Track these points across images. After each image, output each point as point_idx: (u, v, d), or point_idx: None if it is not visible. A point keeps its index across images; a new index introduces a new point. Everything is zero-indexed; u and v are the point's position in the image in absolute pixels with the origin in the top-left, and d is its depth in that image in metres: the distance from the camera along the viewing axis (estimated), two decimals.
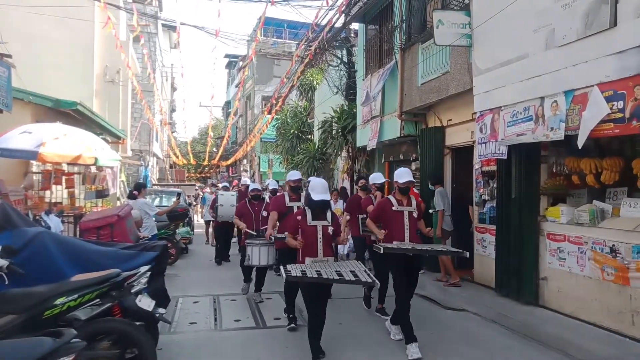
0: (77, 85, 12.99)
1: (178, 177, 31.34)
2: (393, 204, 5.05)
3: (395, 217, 4.99)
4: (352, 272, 4.08)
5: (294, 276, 3.94)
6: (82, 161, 7.47)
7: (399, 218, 4.98)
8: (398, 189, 5.10)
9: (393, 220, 5.00)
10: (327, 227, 4.57)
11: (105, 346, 3.46)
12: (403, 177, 5.08)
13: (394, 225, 4.99)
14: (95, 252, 4.04)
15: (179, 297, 6.88)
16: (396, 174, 5.17)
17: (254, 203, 7.12)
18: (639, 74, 4.04)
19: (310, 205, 4.58)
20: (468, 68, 6.88)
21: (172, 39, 31.05)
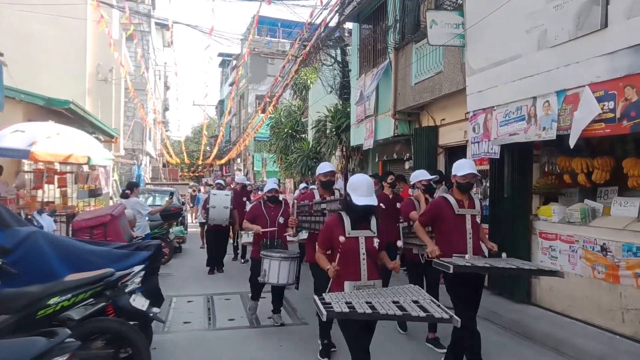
0: (69, 83, 12.90)
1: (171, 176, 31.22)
2: (453, 206, 3.96)
3: (455, 223, 3.92)
4: (415, 302, 2.95)
5: (338, 312, 2.77)
6: (75, 160, 7.41)
7: (460, 224, 3.91)
8: (457, 185, 4.02)
9: (452, 226, 3.93)
10: (372, 239, 3.35)
11: (99, 346, 3.46)
12: (464, 168, 3.96)
13: (453, 234, 3.92)
14: (89, 252, 4.03)
15: (173, 296, 6.87)
16: (456, 165, 4.07)
17: (270, 206, 5.80)
18: (629, 75, 4.09)
19: (351, 211, 3.35)
20: (461, 68, 6.92)
21: (165, 37, 30.90)
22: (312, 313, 5.89)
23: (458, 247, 3.86)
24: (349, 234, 3.30)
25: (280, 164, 18.85)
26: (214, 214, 8.65)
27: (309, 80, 18.56)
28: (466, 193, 4.01)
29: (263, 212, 5.73)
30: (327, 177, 4.80)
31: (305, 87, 18.97)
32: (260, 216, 5.72)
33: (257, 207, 5.90)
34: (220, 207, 8.64)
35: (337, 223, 3.38)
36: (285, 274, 5.19)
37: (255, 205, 6.05)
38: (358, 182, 3.35)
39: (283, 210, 5.76)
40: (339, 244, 3.24)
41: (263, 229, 5.60)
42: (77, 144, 7.47)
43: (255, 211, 5.87)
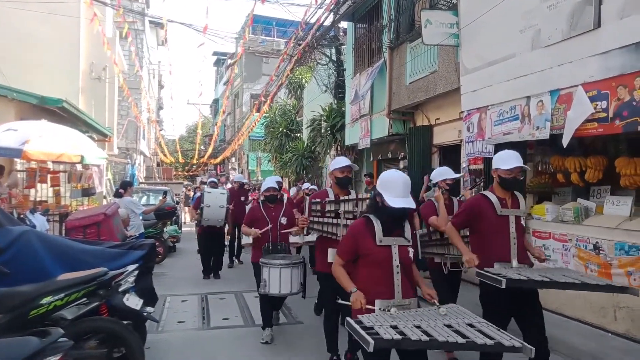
0: (62, 82, 12.82)
1: (165, 176, 31.08)
2: (495, 205, 3.39)
3: (496, 226, 3.35)
4: (469, 325, 2.46)
5: (388, 340, 2.23)
6: (68, 159, 7.37)
7: (502, 227, 3.34)
8: (500, 180, 3.43)
9: (492, 230, 3.36)
10: (406, 248, 2.79)
11: (93, 345, 3.45)
12: (509, 161, 3.38)
13: (493, 238, 3.34)
14: (82, 251, 4.01)
15: (167, 295, 6.84)
16: (498, 157, 3.49)
17: (269, 206, 5.24)
18: (622, 75, 4.12)
19: (384, 214, 2.76)
20: (455, 67, 6.94)
21: (159, 36, 30.76)
22: (306, 312, 5.90)
23: (500, 254, 3.29)
24: (380, 242, 2.73)
25: (275, 163, 18.83)
26: (209, 213, 7.81)
27: (304, 79, 18.55)
28: (509, 190, 3.45)
29: (262, 214, 5.15)
30: (343, 173, 4.10)
31: (300, 86, 18.95)
32: (259, 219, 5.16)
33: (256, 209, 5.32)
34: (216, 206, 7.80)
35: (364, 229, 2.80)
36: (288, 283, 4.59)
37: (254, 207, 5.48)
38: (392, 179, 2.78)
39: (285, 209, 5.24)
40: (366, 253, 2.73)
41: (264, 232, 5.06)
42: (70, 143, 7.43)
43: (253, 213, 5.31)
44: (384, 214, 2.76)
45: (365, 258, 2.77)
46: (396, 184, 2.73)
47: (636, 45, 3.97)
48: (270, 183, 5.37)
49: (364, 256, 2.77)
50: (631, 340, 4.51)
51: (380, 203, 2.77)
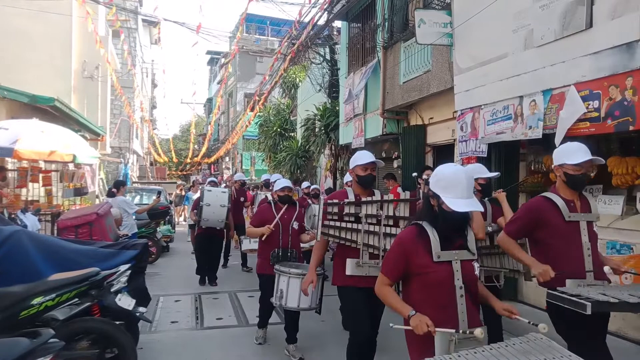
0: (54, 81, 12.73)
1: (159, 175, 30.93)
2: (561, 209, 2.85)
3: (566, 234, 2.83)
4: None
5: None
6: (60, 158, 7.32)
7: (574, 234, 2.83)
8: (566, 178, 2.88)
9: (560, 239, 2.83)
10: (470, 263, 2.27)
11: (85, 346, 3.42)
12: (577, 154, 2.82)
13: (561, 250, 2.81)
14: (74, 251, 3.98)
15: (160, 295, 6.81)
16: (562, 151, 2.93)
17: (281, 208, 4.83)
18: (613, 74, 4.15)
19: (444, 221, 2.23)
20: (449, 67, 6.95)
21: (152, 34, 30.61)
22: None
23: (571, 268, 2.73)
24: (438, 257, 2.19)
25: (269, 162, 18.81)
26: (208, 213, 7.20)
27: (298, 78, 18.55)
28: (578, 190, 2.92)
29: (274, 216, 4.73)
30: (367, 171, 3.46)
31: (294, 86, 18.94)
32: (270, 221, 4.73)
33: (266, 210, 4.86)
34: (216, 205, 7.23)
35: (417, 241, 2.24)
36: (308, 296, 3.98)
37: (264, 208, 4.96)
38: (453, 176, 2.20)
39: (298, 213, 4.81)
40: (420, 272, 2.21)
41: (273, 238, 4.68)
42: (62, 142, 7.38)
43: (263, 215, 4.84)
44: (442, 220, 2.19)
45: (418, 278, 2.22)
46: (458, 182, 2.17)
47: (627, 45, 4.00)
48: (285, 182, 4.94)
49: (416, 275, 2.22)
50: (623, 339, 4.55)
51: (436, 207, 2.21)
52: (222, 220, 7.31)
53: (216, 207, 7.23)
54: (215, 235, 7.63)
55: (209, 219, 7.25)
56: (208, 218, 7.24)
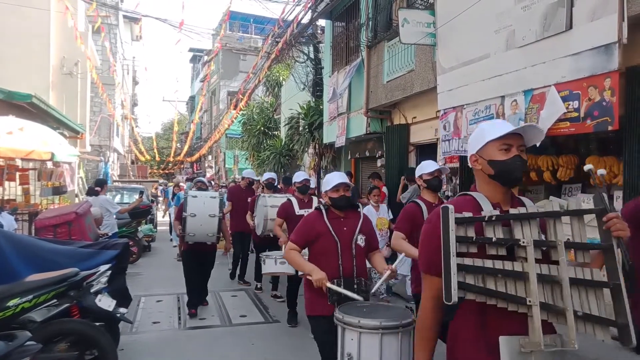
0: (31, 77, 12.43)
1: (140, 174, 30.54)
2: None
3: None
4: None
5: None
6: (38, 156, 7.17)
7: None
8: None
9: None
10: None
11: (63, 348, 3.36)
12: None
13: None
14: (52, 251, 3.90)
15: (142, 296, 6.72)
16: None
17: (338, 216, 3.28)
18: (592, 75, 4.22)
19: None
20: (432, 66, 7.00)
21: (133, 31, 30.15)
22: (283, 310, 5.87)
23: None
24: None
25: (252, 161, 18.72)
26: (194, 226, 5.64)
27: (281, 77, 18.48)
28: None
29: (327, 228, 3.17)
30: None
31: (277, 84, 18.87)
32: (322, 235, 3.16)
33: (316, 219, 3.24)
34: (203, 215, 5.67)
35: None
36: None
37: (312, 216, 3.31)
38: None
39: (363, 222, 3.26)
40: None
41: (330, 254, 3.12)
42: (40, 140, 7.23)
43: (312, 226, 3.23)
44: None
45: None
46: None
47: (606, 47, 4.07)
48: (340, 178, 3.26)
49: None
50: None
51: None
52: (213, 234, 5.74)
53: (204, 217, 5.65)
54: (205, 252, 6.02)
55: (195, 234, 5.65)
56: (194, 232, 5.63)
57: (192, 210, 5.63)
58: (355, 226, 3.24)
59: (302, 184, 5.82)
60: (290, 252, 3.25)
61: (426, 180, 3.74)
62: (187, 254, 6.01)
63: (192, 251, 5.89)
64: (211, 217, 5.68)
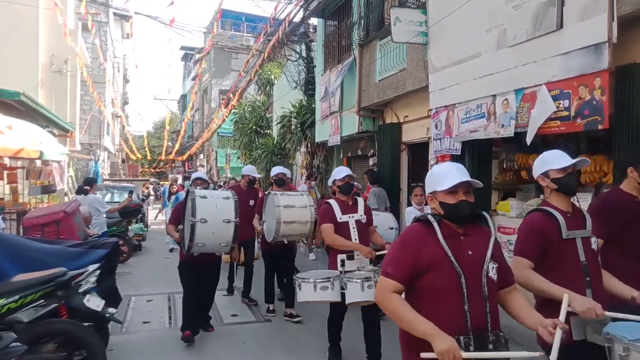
0: (20, 74, 12.26)
1: (131, 172, 30.31)
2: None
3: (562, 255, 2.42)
4: None
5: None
6: (26, 155, 7.07)
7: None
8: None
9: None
10: None
11: (51, 349, 3.31)
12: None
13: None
14: (40, 251, 3.85)
15: (132, 295, 6.66)
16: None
17: (457, 235, 2.13)
18: (582, 75, 4.24)
19: None
20: (424, 65, 7.01)
21: (124, 28, 29.90)
22: (278, 311, 5.85)
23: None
24: None
25: (244, 159, 18.65)
26: (205, 234, 4.47)
27: (273, 75, 18.43)
28: None
29: (444, 253, 2.06)
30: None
31: (269, 82, 18.82)
32: (439, 263, 2.05)
33: (423, 237, 2.12)
34: (216, 221, 4.52)
35: None
36: None
37: (416, 233, 2.16)
38: None
39: (495, 245, 2.17)
40: None
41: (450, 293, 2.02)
42: (29, 138, 7.13)
43: (416, 246, 2.11)
44: None
45: None
46: None
47: (595, 46, 4.09)
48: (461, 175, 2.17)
49: None
50: None
51: None
52: (227, 243, 4.59)
53: (217, 223, 4.50)
54: (210, 264, 4.96)
55: (205, 244, 4.49)
56: (204, 242, 4.47)
57: (203, 215, 4.41)
58: (484, 249, 2.11)
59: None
60: (391, 298, 2.03)
61: (555, 179, 2.51)
62: (186, 266, 4.84)
63: (193, 263, 4.73)
64: (226, 223, 4.52)
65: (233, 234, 4.55)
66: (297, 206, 5.17)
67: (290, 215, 5.06)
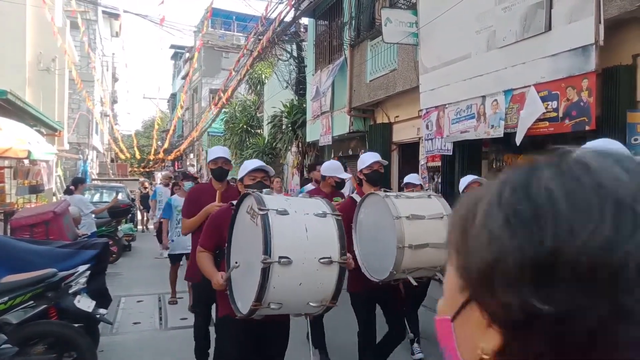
0: (7, 73, 12.09)
1: (120, 172, 30.04)
2: None
3: None
4: None
5: None
6: (14, 154, 6.99)
7: None
8: None
9: None
10: None
11: (41, 350, 3.28)
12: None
13: None
14: (29, 251, 3.81)
15: (122, 296, 6.61)
16: None
17: None
18: (570, 76, 4.31)
19: None
20: (415, 66, 7.05)
21: (113, 26, 29.63)
22: None
23: None
24: None
25: (235, 159, 18.59)
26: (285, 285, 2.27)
27: (264, 75, 18.40)
28: None
29: None
30: None
31: (260, 82, 18.78)
32: None
33: None
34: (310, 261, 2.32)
35: None
36: None
37: None
38: None
39: None
40: None
41: None
42: (16, 137, 7.05)
43: None
44: None
45: None
46: None
47: (583, 48, 4.16)
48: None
49: None
50: None
51: None
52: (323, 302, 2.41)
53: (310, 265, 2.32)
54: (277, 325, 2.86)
55: (284, 303, 2.32)
56: (283, 301, 2.32)
57: (284, 249, 2.26)
58: None
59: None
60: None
61: None
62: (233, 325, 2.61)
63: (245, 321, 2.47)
64: (325, 265, 2.34)
65: (335, 285, 2.36)
66: (428, 216, 3.07)
67: (420, 234, 2.98)
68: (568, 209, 0.40)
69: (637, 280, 0.37)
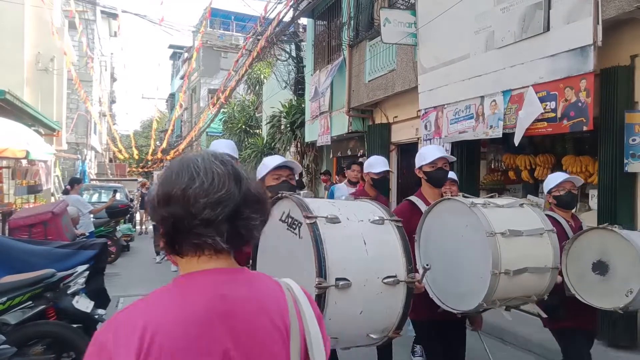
0: (5, 72, 12.06)
1: (119, 172, 29.99)
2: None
3: None
4: None
5: None
6: (12, 154, 6.96)
7: None
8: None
9: None
10: None
11: (39, 351, 3.28)
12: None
13: None
14: (27, 252, 3.80)
15: (120, 296, 6.59)
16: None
17: None
18: (568, 77, 4.32)
19: None
20: (413, 66, 7.06)
21: (111, 26, 29.58)
22: None
23: None
24: None
25: None
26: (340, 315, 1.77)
27: (263, 75, 18.39)
28: None
29: None
30: None
31: (258, 82, 18.78)
32: None
33: None
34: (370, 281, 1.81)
35: None
36: None
37: None
38: None
39: None
40: None
41: None
42: (15, 137, 7.03)
43: None
44: None
45: None
46: None
47: (581, 49, 4.17)
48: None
49: None
50: None
51: None
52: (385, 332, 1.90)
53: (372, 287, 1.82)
54: None
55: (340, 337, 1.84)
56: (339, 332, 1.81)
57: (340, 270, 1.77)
58: None
59: None
60: None
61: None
62: None
63: None
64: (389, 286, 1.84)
65: (402, 311, 1.89)
66: (526, 232, 2.44)
67: (518, 257, 2.38)
68: (174, 175, 0.96)
69: (195, 200, 0.91)
